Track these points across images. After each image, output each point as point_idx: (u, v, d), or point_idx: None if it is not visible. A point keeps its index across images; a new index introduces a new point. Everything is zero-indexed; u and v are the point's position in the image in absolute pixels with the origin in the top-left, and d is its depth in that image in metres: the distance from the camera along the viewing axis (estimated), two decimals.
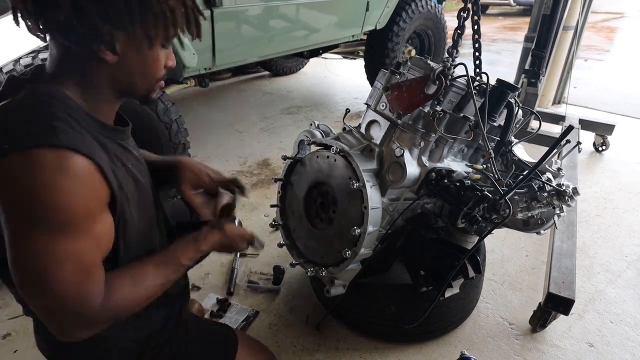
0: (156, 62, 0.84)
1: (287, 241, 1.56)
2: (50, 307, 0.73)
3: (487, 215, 1.25)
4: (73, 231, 0.72)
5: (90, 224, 0.74)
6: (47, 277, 0.70)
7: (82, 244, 0.73)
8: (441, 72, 1.25)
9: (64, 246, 0.71)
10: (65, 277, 0.71)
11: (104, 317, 0.79)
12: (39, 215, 0.69)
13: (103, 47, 0.75)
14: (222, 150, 3.23)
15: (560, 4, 2.68)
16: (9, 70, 1.61)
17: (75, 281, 0.73)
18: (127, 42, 0.77)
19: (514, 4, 10.59)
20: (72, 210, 0.71)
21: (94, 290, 0.76)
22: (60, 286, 0.71)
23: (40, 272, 0.70)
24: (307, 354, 1.57)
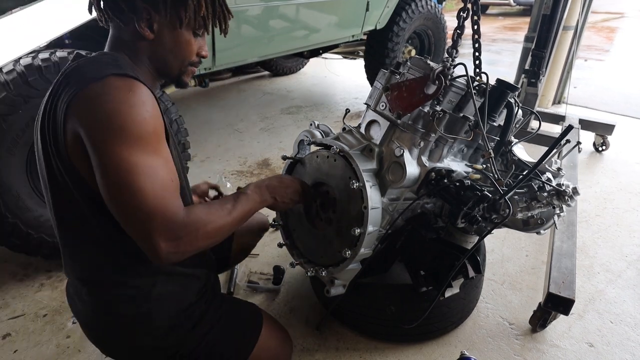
0: (187, 45, 0.98)
1: (287, 241, 1.56)
2: (142, 216, 0.81)
3: (487, 215, 1.25)
4: (148, 147, 0.83)
5: (160, 144, 0.86)
6: (133, 187, 0.80)
7: (156, 160, 0.84)
8: (441, 72, 1.25)
9: (146, 159, 0.82)
10: (147, 186, 0.81)
11: (186, 232, 0.85)
12: (118, 127, 0.80)
13: (142, 24, 0.91)
14: (222, 150, 3.23)
15: (560, 4, 2.68)
16: (9, 71, 1.61)
17: (157, 192, 0.82)
18: (161, 22, 0.93)
19: (514, 4, 10.59)
20: (145, 125, 0.82)
21: (175, 203, 0.85)
22: (145, 195, 0.80)
23: (127, 182, 0.80)
24: (307, 354, 1.57)
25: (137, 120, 0.81)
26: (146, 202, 0.80)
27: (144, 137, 0.82)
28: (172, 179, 0.87)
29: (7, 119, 1.61)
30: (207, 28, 0.99)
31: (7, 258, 2.04)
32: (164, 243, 0.82)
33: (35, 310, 1.76)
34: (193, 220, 0.87)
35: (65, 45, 2.09)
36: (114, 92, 0.81)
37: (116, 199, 0.82)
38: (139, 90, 0.84)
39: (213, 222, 0.92)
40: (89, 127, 0.81)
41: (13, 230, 1.73)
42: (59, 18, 1.72)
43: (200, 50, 1.02)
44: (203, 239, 0.89)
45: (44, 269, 1.98)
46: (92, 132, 0.80)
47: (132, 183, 0.80)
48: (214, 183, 1.50)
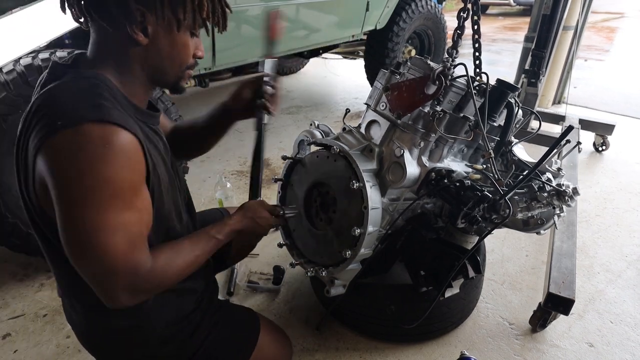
0: (185, 47, 0.89)
1: (287, 241, 1.56)
2: (102, 275, 0.77)
3: (487, 215, 1.25)
4: (121, 203, 0.76)
5: (135, 197, 0.79)
6: (99, 247, 0.74)
7: (129, 216, 0.77)
8: (441, 72, 1.25)
9: (114, 217, 0.75)
10: (116, 246, 0.76)
11: (149, 283, 0.83)
12: (90, 187, 0.73)
13: (135, 28, 0.81)
14: (222, 150, 3.22)
15: (560, 4, 2.68)
16: (9, 71, 1.61)
17: (125, 250, 0.77)
18: (157, 25, 0.82)
19: (514, 4, 10.58)
20: (119, 182, 0.75)
21: (142, 259, 0.81)
22: (111, 255, 0.75)
23: (93, 242, 0.74)
24: (307, 354, 1.57)
25: (109, 180, 0.73)
26: (110, 260, 0.76)
27: (116, 195, 0.75)
28: (144, 228, 0.83)
29: (7, 119, 1.61)
30: (207, 27, 0.91)
31: (7, 258, 2.04)
32: (124, 296, 0.80)
33: (35, 310, 1.76)
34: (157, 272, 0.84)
35: (65, 45, 2.09)
36: (87, 145, 0.72)
37: (77, 254, 0.77)
38: (116, 141, 0.74)
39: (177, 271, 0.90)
40: (56, 181, 0.73)
41: (13, 230, 1.73)
42: (59, 18, 1.71)
43: (197, 51, 0.93)
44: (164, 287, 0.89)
45: (44, 269, 1.98)
46: (58, 187, 0.73)
47: (96, 243, 0.74)
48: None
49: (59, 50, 1.73)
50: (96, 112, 0.75)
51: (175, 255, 0.91)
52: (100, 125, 0.74)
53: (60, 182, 0.73)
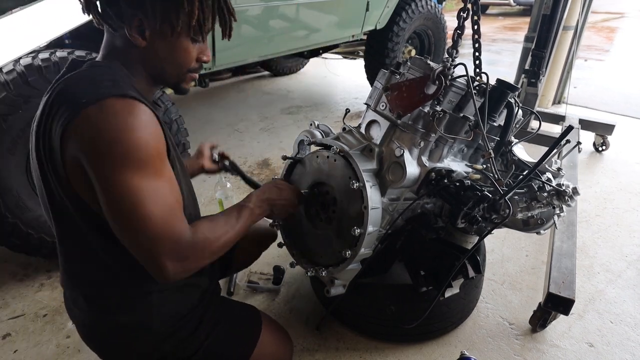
0: (185, 52, 0.91)
1: (287, 241, 1.56)
2: (147, 243, 0.81)
3: (487, 215, 1.25)
4: (151, 170, 0.80)
5: (163, 165, 0.84)
6: (139, 213, 0.79)
7: (161, 183, 0.82)
8: (441, 72, 1.25)
9: (150, 182, 0.80)
10: (153, 211, 0.80)
11: (193, 252, 0.87)
12: (120, 154, 0.77)
13: (133, 32, 0.85)
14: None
15: (560, 4, 2.68)
16: (9, 71, 1.61)
17: (163, 215, 0.81)
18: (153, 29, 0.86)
19: (514, 4, 10.58)
20: (147, 149, 0.79)
21: (181, 225, 0.85)
22: (151, 220, 0.79)
23: (133, 208, 0.78)
24: (307, 354, 1.57)
25: (139, 145, 0.78)
26: (153, 227, 0.80)
27: (147, 161, 0.80)
28: (177, 199, 0.86)
29: (7, 119, 1.61)
30: (203, 34, 0.91)
31: (7, 258, 2.04)
32: (171, 264, 0.83)
33: (35, 310, 1.76)
34: (199, 239, 0.88)
35: (65, 45, 2.09)
36: (113, 117, 0.77)
37: (123, 225, 0.81)
38: (139, 112, 0.80)
39: (218, 239, 0.94)
40: (90, 155, 0.78)
41: (13, 230, 1.73)
42: (59, 18, 1.72)
43: (202, 56, 0.95)
44: (209, 256, 0.92)
45: (44, 269, 1.98)
46: (94, 161, 0.78)
47: (138, 209, 0.79)
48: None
49: (59, 50, 1.73)
50: (116, 88, 0.80)
51: (215, 227, 0.95)
52: (122, 99, 0.79)
53: (94, 156, 0.77)
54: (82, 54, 1.72)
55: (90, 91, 0.79)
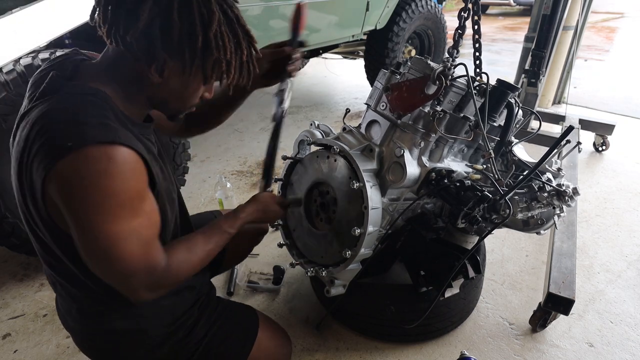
0: (195, 92, 0.91)
1: (287, 241, 1.56)
2: (122, 278, 0.83)
3: (487, 216, 1.25)
4: (129, 212, 0.80)
5: (142, 202, 0.84)
6: (115, 255, 0.80)
7: (139, 221, 0.82)
8: (441, 72, 1.25)
9: (125, 225, 0.80)
10: (132, 249, 0.81)
11: (166, 279, 0.89)
12: (98, 201, 0.77)
13: (153, 69, 0.82)
14: (222, 150, 3.23)
15: (560, 4, 2.68)
16: (9, 71, 1.61)
17: (141, 252, 0.82)
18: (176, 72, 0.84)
19: (514, 4, 10.58)
20: (125, 193, 0.79)
21: (158, 257, 0.86)
22: (129, 258, 0.81)
23: (110, 250, 0.79)
24: (307, 354, 1.57)
25: (116, 191, 0.78)
26: (126, 265, 0.81)
27: (124, 205, 0.79)
28: (154, 231, 0.87)
29: (7, 119, 1.61)
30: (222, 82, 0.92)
31: (7, 258, 2.04)
32: (145, 293, 0.86)
33: (35, 310, 1.76)
34: (173, 267, 0.90)
35: (65, 45, 2.09)
36: (90, 165, 0.76)
37: (98, 262, 0.83)
38: (118, 156, 0.78)
39: (192, 265, 0.96)
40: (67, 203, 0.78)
41: (13, 230, 1.73)
42: (59, 18, 1.72)
43: (205, 93, 0.94)
44: (182, 279, 0.94)
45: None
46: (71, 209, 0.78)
47: (112, 251, 0.79)
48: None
49: (59, 50, 1.73)
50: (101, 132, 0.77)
51: (190, 252, 0.96)
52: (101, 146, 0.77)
53: (72, 203, 0.78)
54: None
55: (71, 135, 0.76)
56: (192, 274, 0.96)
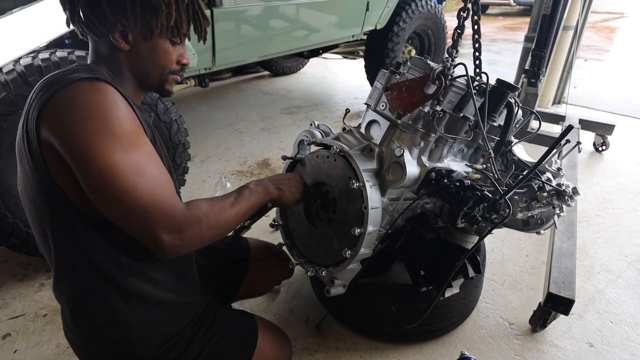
0: (165, 53, 0.95)
1: (287, 241, 1.56)
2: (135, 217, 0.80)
3: (487, 215, 1.25)
4: (127, 144, 0.80)
5: (139, 140, 0.83)
6: (120, 185, 0.78)
7: (140, 156, 0.81)
8: (441, 72, 1.25)
9: (125, 157, 0.79)
10: (137, 184, 0.79)
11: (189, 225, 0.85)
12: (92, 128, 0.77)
13: (117, 37, 0.89)
14: (222, 150, 3.23)
15: (560, 4, 2.68)
16: (9, 71, 1.61)
17: (148, 186, 0.80)
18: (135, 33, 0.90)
19: (514, 4, 10.59)
20: (119, 122, 0.80)
21: (172, 197, 0.84)
22: (136, 191, 0.79)
23: (113, 182, 0.78)
24: (307, 354, 1.57)
25: (110, 119, 0.79)
26: (139, 198, 0.79)
27: (122, 135, 0.79)
28: (162, 174, 0.85)
29: (7, 119, 1.61)
30: (181, 37, 0.96)
31: (7, 258, 2.04)
32: (166, 236, 0.82)
33: (35, 310, 1.76)
34: (194, 213, 0.87)
35: (65, 45, 2.09)
36: (81, 94, 0.79)
37: (109, 203, 0.80)
38: (107, 90, 0.81)
39: (216, 214, 0.92)
40: (61, 136, 0.78)
41: (13, 230, 1.73)
42: (59, 18, 1.72)
43: (181, 58, 0.99)
44: (207, 230, 0.90)
45: (44, 269, 1.98)
46: (66, 141, 0.77)
47: (120, 183, 0.78)
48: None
49: (59, 50, 1.73)
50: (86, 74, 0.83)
51: (212, 203, 0.94)
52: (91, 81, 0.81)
53: (66, 135, 0.77)
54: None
55: (64, 79, 0.81)
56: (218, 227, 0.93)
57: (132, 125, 0.83)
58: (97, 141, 0.77)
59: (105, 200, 0.80)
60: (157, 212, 0.80)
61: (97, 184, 0.78)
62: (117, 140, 0.78)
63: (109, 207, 0.81)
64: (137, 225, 0.82)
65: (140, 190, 0.79)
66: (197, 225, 0.87)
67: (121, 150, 0.78)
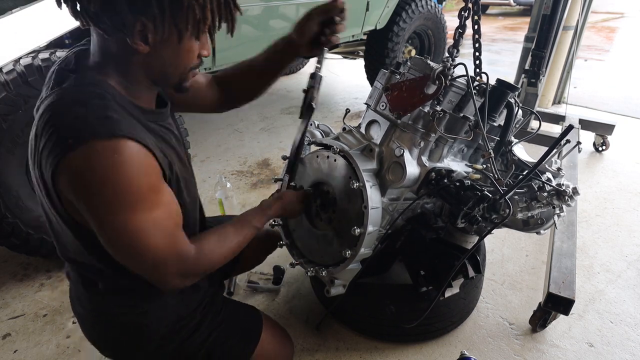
0: (189, 52, 0.85)
1: (287, 241, 1.56)
2: (151, 269, 0.85)
3: (487, 215, 1.25)
4: (147, 204, 0.80)
5: (158, 195, 0.83)
6: (141, 247, 0.81)
7: (157, 212, 0.82)
8: (441, 72, 1.25)
9: (144, 217, 0.80)
10: (156, 241, 0.82)
11: (199, 266, 0.92)
12: (111, 197, 0.77)
13: (135, 38, 0.77)
14: (222, 150, 3.23)
15: (560, 4, 2.68)
16: (9, 71, 1.61)
17: (166, 242, 0.84)
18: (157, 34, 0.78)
19: (514, 4, 10.58)
20: (138, 187, 0.78)
21: (184, 247, 0.88)
22: (155, 249, 0.82)
23: (135, 244, 0.80)
24: (307, 354, 1.57)
25: (129, 185, 0.76)
26: (155, 254, 0.83)
27: (140, 197, 0.78)
28: (176, 222, 0.88)
29: (7, 119, 1.61)
30: (211, 34, 0.86)
31: (7, 258, 2.04)
32: (176, 281, 0.89)
33: (35, 310, 1.76)
34: (203, 256, 0.93)
35: (65, 45, 2.09)
36: (98, 159, 0.74)
37: (124, 258, 0.84)
38: (125, 151, 0.75)
39: (222, 254, 0.99)
40: (81, 199, 0.77)
41: (13, 230, 1.73)
42: (59, 18, 1.72)
43: (202, 50, 0.87)
44: (212, 268, 0.97)
45: (44, 269, 1.98)
46: (85, 204, 0.78)
47: (137, 244, 0.80)
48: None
49: (59, 50, 1.73)
50: (105, 126, 0.75)
51: (221, 242, 0.99)
52: (106, 140, 0.75)
53: (85, 199, 0.77)
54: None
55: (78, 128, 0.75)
56: (222, 264, 0.99)
57: (151, 182, 0.81)
58: (116, 209, 0.77)
59: (122, 256, 0.84)
60: (169, 264, 0.85)
61: (115, 244, 0.82)
62: (136, 203, 0.79)
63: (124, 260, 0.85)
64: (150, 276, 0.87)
65: (155, 248, 0.82)
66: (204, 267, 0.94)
67: (140, 212, 0.79)
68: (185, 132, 2.22)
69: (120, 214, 0.78)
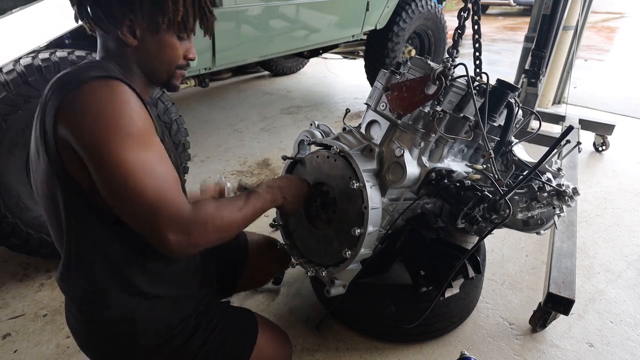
0: (172, 48, 0.96)
1: (287, 241, 1.56)
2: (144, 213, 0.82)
3: (487, 216, 1.25)
4: (138, 143, 0.82)
5: (150, 139, 0.85)
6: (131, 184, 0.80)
7: (150, 155, 0.84)
8: (441, 72, 1.25)
9: (136, 156, 0.81)
10: (146, 182, 0.81)
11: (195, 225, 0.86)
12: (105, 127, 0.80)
13: (125, 32, 0.90)
14: (222, 150, 3.23)
15: (560, 4, 2.68)
16: (9, 71, 1.61)
17: (157, 186, 0.82)
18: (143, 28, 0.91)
19: (514, 4, 10.59)
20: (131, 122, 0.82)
21: (179, 198, 0.86)
22: (145, 191, 0.81)
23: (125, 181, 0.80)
24: (307, 354, 1.57)
25: (123, 117, 0.81)
26: (147, 197, 0.81)
27: (134, 133, 0.82)
28: (171, 173, 0.87)
29: (7, 119, 1.61)
30: (188, 31, 0.96)
31: (7, 258, 2.04)
32: (173, 236, 0.83)
33: (35, 310, 1.76)
34: (202, 214, 0.89)
35: (65, 45, 2.09)
36: (95, 94, 0.82)
37: (119, 199, 0.83)
38: (119, 88, 0.84)
39: (223, 217, 0.94)
40: (77, 134, 0.81)
41: (13, 230, 1.73)
42: (59, 18, 1.72)
43: (188, 53, 1.00)
44: (214, 232, 0.91)
45: (44, 269, 1.98)
46: (81, 139, 0.81)
47: (131, 181, 0.80)
48: (214, 182, 1.50)
49: (59, 50, 1.73)
50: (100, 72, 0.85)
51: (220, 205, 0.95)
52: (103, 79, 0.84)
53: (80, 132, 0.80)
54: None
55: (76, 77, 0.84)
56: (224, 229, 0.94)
57: (144, 124, 0.85)
58: (110, 139, 0.79)
59: (116, 197, 0.83)
60: (164, 211, 0.82)
61: (109, 181, 0.81)
62: (130, 138, 0.81)
63: (119, 204, 0.84)
64: (145, 223, 0.84)
65: (149, 189, 0.81)
66: (203, 227, 0.88)
67: (133, 148, 0.81)
68: (185, 132, 2.22)
69: (114, 147, 0.79)
